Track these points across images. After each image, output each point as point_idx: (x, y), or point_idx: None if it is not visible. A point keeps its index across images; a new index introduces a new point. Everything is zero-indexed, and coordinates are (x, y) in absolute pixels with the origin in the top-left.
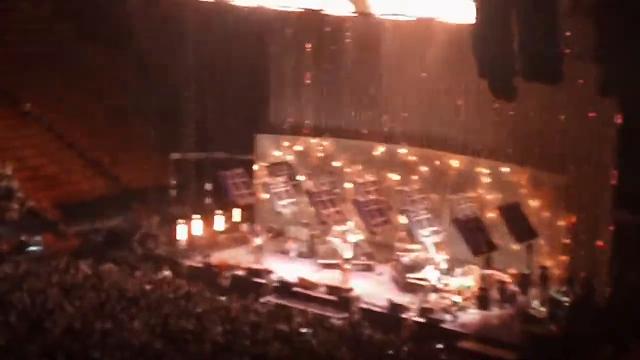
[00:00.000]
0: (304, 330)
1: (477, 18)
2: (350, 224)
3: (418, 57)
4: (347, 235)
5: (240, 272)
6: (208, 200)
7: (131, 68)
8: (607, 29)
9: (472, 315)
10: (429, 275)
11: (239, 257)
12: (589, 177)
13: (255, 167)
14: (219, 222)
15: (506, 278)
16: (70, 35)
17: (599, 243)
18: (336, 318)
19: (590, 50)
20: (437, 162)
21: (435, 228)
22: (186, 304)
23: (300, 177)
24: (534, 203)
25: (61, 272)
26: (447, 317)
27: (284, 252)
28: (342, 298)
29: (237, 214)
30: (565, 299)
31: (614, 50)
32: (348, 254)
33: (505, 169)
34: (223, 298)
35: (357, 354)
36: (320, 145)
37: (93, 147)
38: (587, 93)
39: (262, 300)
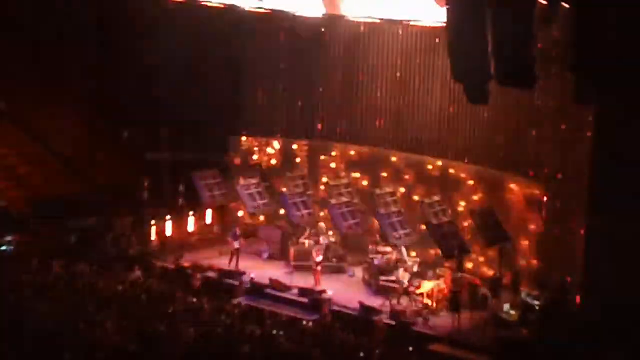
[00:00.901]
0: (275, 332)
1: (451, 22)
2: (322, 226)
3: (392, 58)
4: (320, 237)
5: (212, 274)
6: (181, 201)
7: (108, 68)
8: (582, 36)
9: (443, 318)
10: (401, 277)
11: (211, 259)
12: (562, 181)
13: (228, 168)
14: (192, 223)
15: (477, 281)
16: (46, 34)
17: (572, 247)
18: (307, 320)
19: (566, 57)
20: (412, 165)
21: (407, 230)
22: (158, 305)
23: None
24: (506, 207)
25: (33, 272)
26: (419, 319)
27: (257, 254)
28: (313, 300)
29: (209, 215)
30: (537, 302)
31: (590, 57)
32: (320, 256)
33: (478, 172)
34: (195, 299)
35: (328, 356)
36: (294, 147)
37: (67, 147)
38: (561, 99)
39: (234, 301)
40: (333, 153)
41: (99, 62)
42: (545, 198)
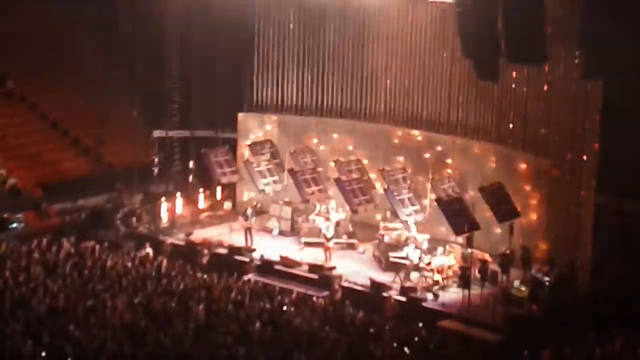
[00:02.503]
0: (286, 308)
1: None
2: (332, 203)
3: (403, 35)
4: (330, 214)
5: (222, 251)
6: (191, 179)
7: (115, 48)
8: (592, 11)
9: (453, 294)
10: (411, 254)
11: (222, 236)
12: (572, 160)
13: (238, 145)
14: (202, 201)
15: (487, 257)
16: (54, 15)
17: (580, 226)
18: (318, 296)
19: (575, 33)
20: (421, 141)
21: (417, 207)
22: (169, 282)
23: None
24: (516, 184)
25: (44, 251)
26: (429, 296)
27: (267, 230)
28: (324, 276)
29: (220, 193)
30: (547, 279)
31: (599, 33)
32: (330, 232)
33: (487, 150)
34: (205, 276)
35: (339, 333)
36: (303, 124)
37: (76, 126)
38: (571, 75)
39: (244, 278)
40: (341, 130)
41: (109, 41)
42: (554, 176)
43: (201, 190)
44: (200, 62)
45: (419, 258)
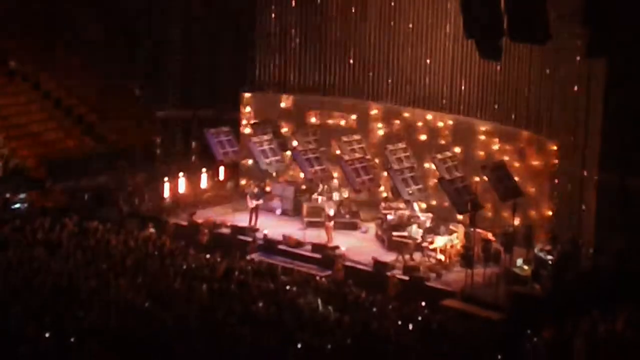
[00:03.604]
0: (289, 288)
1: None
2: (335, 182)
3: (406, 13)
4: (332, 193)
5: (225, 230)
6: (194, 158)
7: (118, 26)
8: None
9: (456, 273)
10: (414, 233)
11: (225, 215)
12: (575, 138)
13: (241, 125)
14: (205, 180)
15: (490, 237)
16: None
17: (583, 204)
18: (321, 276)
19: (578, 11)
20: (424, 120)
21: (420, 186)
22: (172, 262)
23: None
24: (519, 162)
25: (47, 231)
26: (432, 275)
27: (269, 210)
28: (326, 256)
29: (222, 172)
30: (550, 257)
31: (603, 11)
32: (333, 212)
33: (490, 129)
34: (208, 256)
35: (342, 312)
36: (305, 103)
37: (79, 105)
38: (574, 54)
39: (247, 258)
40: (344, 109)
41: (111, 19)
42: (557, 154)
43: (204, 170)
44: (202, 40)
45: (422, 237)
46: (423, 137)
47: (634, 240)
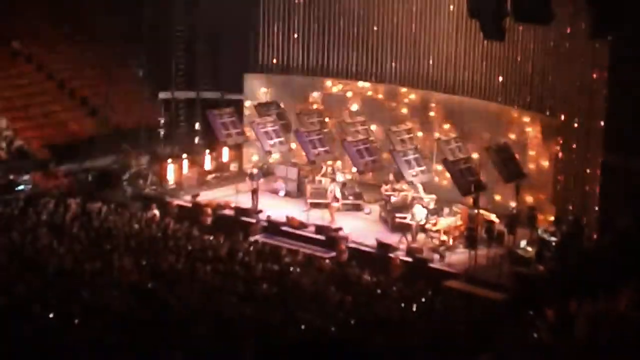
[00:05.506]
0: (292, 269)
1: None
2: (338, 164)
3: None
4: (336, 175)
5: (228, 212)
6: (197, 140)
7: (122, 8)
8: None
9: (459, 254)
10: (417, 214)
11: (228, 197)
12: (580, 119)
13: (244, 106)
14: (208, 162)
15: (494, 218)
16: None
17: (587, 185)
18: (324, 257)
19: None
20: (427, 101)
21: (423, 168)
22: (175, 244)
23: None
24: (523, 144)
25: (51, 212)
26: (435, 256)
27: (273, 192)
28: (330, 237)
29: (226, 154)
30: (553, 239)
31: None
32: (337, 193)
33: (495, 110)
34: (211, 237)
35: (345, 294)
36: (309, 85)
37: (83, 87)
38: (578, 34)
39: (251, 239)
40: (347, 90)
41: (116, 2)
42: (561, 135)
43: (207, 151)
44: (205, 22)
45: (426, 218)
46: (427, 118)
47: (637, 220)
